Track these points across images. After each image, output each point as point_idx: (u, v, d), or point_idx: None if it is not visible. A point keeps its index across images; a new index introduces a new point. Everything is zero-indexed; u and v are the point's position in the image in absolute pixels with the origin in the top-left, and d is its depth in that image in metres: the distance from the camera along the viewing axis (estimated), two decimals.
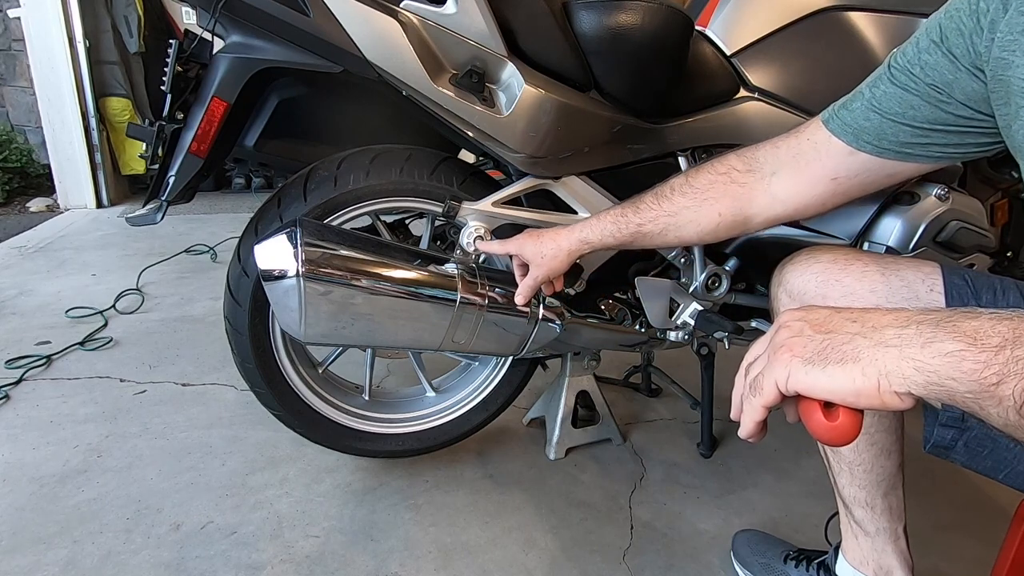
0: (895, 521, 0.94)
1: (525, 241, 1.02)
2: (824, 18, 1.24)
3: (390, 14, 1.01)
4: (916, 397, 0.44)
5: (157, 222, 1.06)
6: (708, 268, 1.28)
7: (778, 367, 0.48)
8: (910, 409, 0.45)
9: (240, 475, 1.37)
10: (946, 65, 0.68)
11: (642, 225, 0.91)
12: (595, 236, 0.95)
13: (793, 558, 1.10)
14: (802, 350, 0.48)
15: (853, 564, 0.97)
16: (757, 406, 0.50)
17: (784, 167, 0.82)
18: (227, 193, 4.15)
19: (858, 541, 0.96)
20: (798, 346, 0.48)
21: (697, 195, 0.87)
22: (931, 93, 0.70)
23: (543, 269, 1.01)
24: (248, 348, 1.18)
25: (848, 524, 0.97)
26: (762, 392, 0.49)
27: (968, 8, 0.66)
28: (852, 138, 0.76)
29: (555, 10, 1.11)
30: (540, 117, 1.09)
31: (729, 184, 0.85)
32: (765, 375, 0.49)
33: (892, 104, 0.72)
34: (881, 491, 0.92)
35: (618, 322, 1.29)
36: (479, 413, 1.38)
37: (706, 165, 0.88)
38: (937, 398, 0.43)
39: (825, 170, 0.79)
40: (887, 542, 0.94)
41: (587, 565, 1.16)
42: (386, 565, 1.14)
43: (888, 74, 0.73)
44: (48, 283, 2.48)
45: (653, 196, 0.91)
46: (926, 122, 0.71)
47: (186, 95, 1.08)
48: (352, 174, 1.14)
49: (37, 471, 1.37)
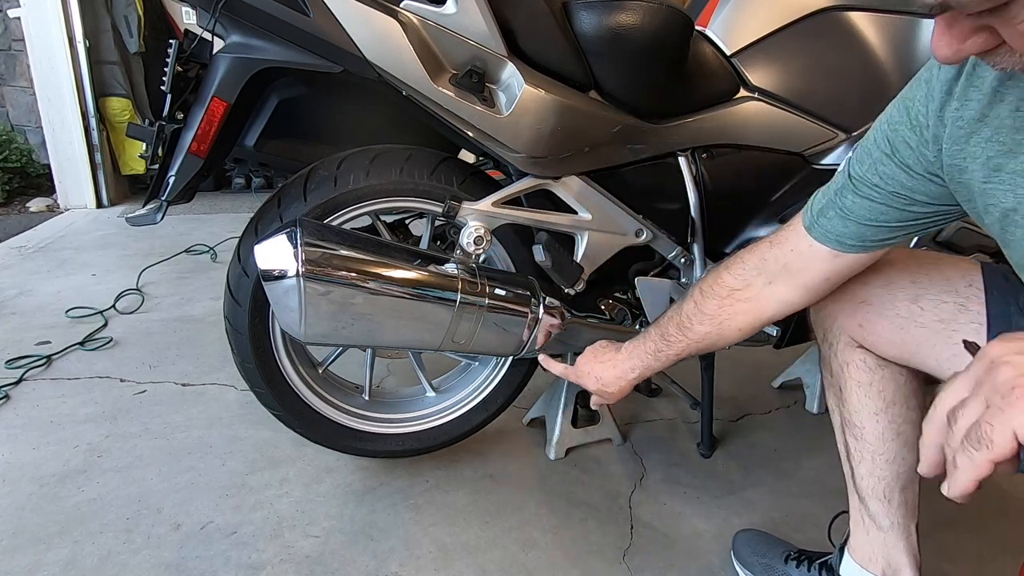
0: (909, 518, 0.94)
1: (585, 378, 1.09)
2: (824, 18, 1.25)
3: (390, 14, 1.01)
4: None
5: (157, 222, 1.06)
6: (708, 268, 1.29)
7: (1018, 414, 0.42)
8: None
9: (240, 475, 1.37)
10: (902, 175, 0.70)
11: (679, 354, 0.96)
12: (640, 367, 1.02)
13: (794, 558, 1.10)
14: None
15: (860, 562, 0.97)
16: (983, 461, 0.43)
17: (778, 277, 0.85)
18: (227, 193, 4.15)
19: (869, 536, 0.96)
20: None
21: (713, 321, 0.91)
22: (895, 200, 0.72)
23: (609, 399, 1.10)
24: (248, 348, 1.18)
25: (860, 518, 0.97)
26: (993, 445, 0.43)
27: (908, 122, 0.68)
28: (836, 244, 0.78)
29: (555, 10, 1.11)
30: (540, 117, 1.09)
31: (736, 303, 0.89)
32: (996, 425, 0.43)
33: (863, 212, 0.74)
34: (900, 484, 0.92)
35: (618, 322, 1.29)
36: (479, 413, 1.38)
37: (707, 289, 0.91)
38: None
39: (817, 275, 0.81)
40: (899, 538, 0.94)
41: (587, 565, 1.16)
42: (386, 565, 1.14)
43: (851, 185, 0.75)
44: (48, 283, 2.48)
45: (676, 328, 0.95)
46: (899, 221, 0.73)
47: (186, 95, 1.08)
48: (352, 174, 1.14)
49: (37, 471, 1.37)
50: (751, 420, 1.64)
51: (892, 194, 0.71)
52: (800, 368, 1.75)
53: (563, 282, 1.20)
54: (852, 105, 1.26)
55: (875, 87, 1.26)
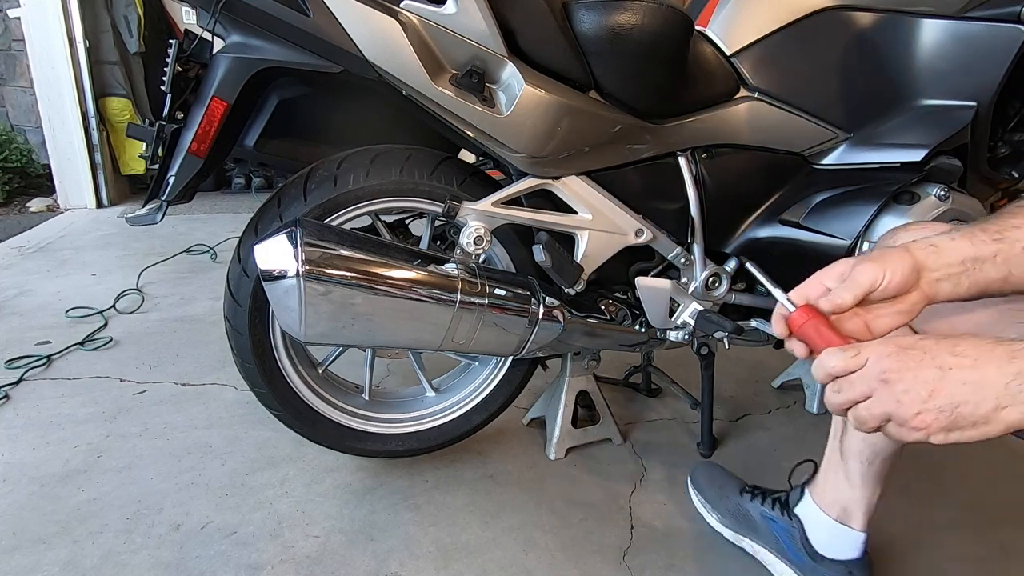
0: (880, 481, 1.02)
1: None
2: (824, 18, 1.24)
3: (390, 14, 1.01)
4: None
5: (157, 222, 1.06)
6: (708, 268, 1.29)
7: (908, 434, 0.53)
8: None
9: (240, 475, 1.37)
10: None
11: (1002, 231, 0.66)
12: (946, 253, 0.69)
13: (749, 491, 1.19)
14: (935, 423, 0.52)
15: (820, 504, 1.06)
16: (844, 415, 0.57)
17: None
18: (227, 193, 4.15)
19: (838, 489, 1.04)
20: (930, 417, 0.52)
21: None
22: None
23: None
24: (248, 348, 1.18)
25: (836, 470, 1.04)
26: (860, 422, 0.55)
27: None
28: None
29: (555, 10, 1.11)
30: (540, 117, 1.09)
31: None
32: (872, 413, 0.54)
33: None
34: (882, 455, 0.99)
35: (618, 322, 1.29)
36: (479, 413, 1.38)
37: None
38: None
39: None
40: (865, 495, 1.02)
41: (587, 565, 1.16)
42: (386, 565, 1.14)
43: None
44: (48, 283, 2.48)
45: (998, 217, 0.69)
46: None
47: (186, 95, 1.08)
48: (352, 174, 1.14)
49: (37, 471, 1.37)
50: (751, 420, 1.64)
51: None
52: (800, 368, 1.75)
53: (563, 282, 1.20)
54: (852, 105, 1.26)
55: (875, 87, 1.26)
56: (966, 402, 0.51)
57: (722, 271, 1.30)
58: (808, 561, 1.07)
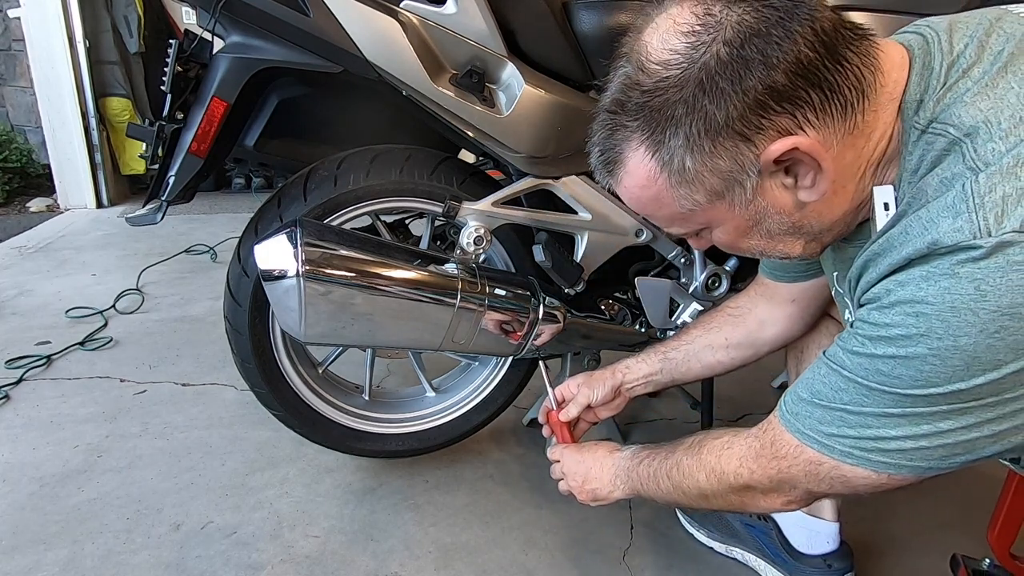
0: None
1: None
2: None
3: (390, 14, 1.02)
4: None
5: (157, 222, 1.06)
6: (708, 268, 1.28)
7: (581, 498, 0.96)
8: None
9: (240, 475, 1.37)
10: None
11: (666, 352, 1.06)
12: (634, 372, 1.08)
13: None
14: (587, 496, 0.95)
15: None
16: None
17: (759, 300, 1.00)
18: (227, 193, 4.15)
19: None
20: (584, 494, 0.95)
21: (704, 326, 1.04)
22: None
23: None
24: (248, 348, 1.18)
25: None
26: (563, 490, 0.99)
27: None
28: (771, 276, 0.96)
29: (555, 10, 1.11)
30: (540, 117, 1.09)
31: (727, 316, 1.02)
32: (565, 486, 0.99)
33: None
34: None
35: (618, 322, 1.29)
36: (479, 413, 1.38)
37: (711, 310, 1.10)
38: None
39: (785, 294, 0.96)
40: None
41: (587, 565, 1.16)
42: (386, 565, 1.14)
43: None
44: (48, 283, 2.48)
45: (674, 335, 1.10)
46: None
47: (186, 95, 1.08)
48: (352, 174, 1.13)
49: (37, 471, 1.37)
50: (751, 420, 1.63)
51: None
52: None
53: (563, 282, 1.20)
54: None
55: None
56: (598, 488, 0.93)
57: (722, 271, 1.30)
58: (790, 560, 1.09)
